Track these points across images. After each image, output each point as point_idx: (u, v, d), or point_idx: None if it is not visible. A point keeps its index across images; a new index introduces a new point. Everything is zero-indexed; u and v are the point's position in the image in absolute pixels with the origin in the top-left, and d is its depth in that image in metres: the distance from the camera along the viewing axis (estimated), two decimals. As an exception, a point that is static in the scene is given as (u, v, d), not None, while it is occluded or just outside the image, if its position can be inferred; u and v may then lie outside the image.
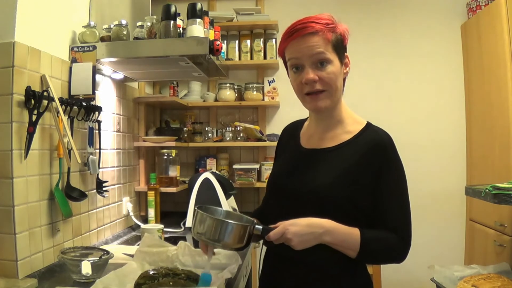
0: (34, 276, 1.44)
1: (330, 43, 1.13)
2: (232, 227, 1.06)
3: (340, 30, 1.16)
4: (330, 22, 1.14)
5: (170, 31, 1.79)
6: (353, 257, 1.10)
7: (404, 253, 1.12)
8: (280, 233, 1.06)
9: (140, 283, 1.20)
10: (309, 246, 1.07)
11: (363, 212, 1.13)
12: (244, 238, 1.07)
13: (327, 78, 1.12)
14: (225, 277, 1.33)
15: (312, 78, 1.11)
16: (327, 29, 1.12)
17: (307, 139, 1.26)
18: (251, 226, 1.08)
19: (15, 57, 1.40)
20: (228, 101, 2.93)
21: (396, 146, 1.16)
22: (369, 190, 1.11)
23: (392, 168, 1.13)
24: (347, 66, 1.20)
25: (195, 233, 1.10)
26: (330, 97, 1.15)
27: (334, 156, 1.16)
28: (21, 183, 1.43)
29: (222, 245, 1.08)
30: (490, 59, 2.53)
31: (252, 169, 2.84)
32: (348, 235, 1.09)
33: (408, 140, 2.93)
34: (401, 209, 1.13)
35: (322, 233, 1.07)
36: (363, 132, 1.17)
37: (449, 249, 2.89)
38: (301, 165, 1.21)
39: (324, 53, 1.11)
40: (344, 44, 1.18)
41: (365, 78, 3.00)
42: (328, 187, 1.11)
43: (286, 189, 1.20)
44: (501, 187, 1.72)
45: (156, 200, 2.45)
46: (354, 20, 2.99)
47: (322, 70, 1.12)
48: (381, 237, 1.11)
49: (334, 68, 1.13)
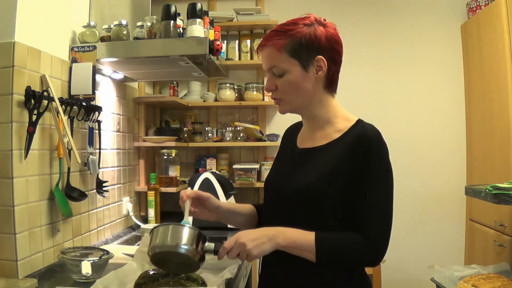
0: (34, 276, 1.44)
1: (285, 51, 1.11)
2: (183, 229, 1.08)
3: (302, 34, 1.10)
4: (291, 28, 1.11)
5: (170, 31, 1.79)
6: (314, 260, 1.07)
7: (373, 253, 1.07)
8: (233, 240, 1.07)
9: (140, 283, 1.20)
10: (265, 250, 1.07)
11: (350, 212, 1.10)
12: (198, 246, 1.07)
13: (283, 87, 1.15)
14: (225, 277, 1.33)
15: (269, 88, 1.18)
16: (282, 38, 1.11)
17: (302, 140, 1.27)
18: (202, 233, 1.09)
19: (15, 57, 1.40)
20: (228, 101, 2.93)
21: (386, 143, 1.12)
22: (354, 185, 1.09)
23: (375, 164, 1.09)
24: (320, 69, 1.13)
25: (150, 249, 1.09)
26: (289, 103, 1.18)
27: (323, 154, 1.16)
28: (21, 183, 1.43)
29: (176, 250, 1.06)
30: (490, 59, 2.53)
31: (252, 169, 2.84)
32: (301, 235, 1.08)
33: (408, 140, 2.93)
34: (376, 208, 1.08)
35: (274, 234, 1.07)
36: (353, 128, 1.15)
37: (449, 249, 2.89)
38: (293, 165, 1.21)
39: (276, 66, 1.14)
40: (314, 47, 1.11)
41: (364, 78, 3.00)
42: (312, 185, 1.11)
43: (277, 189, 1.21)
44: (501, 187, 1.72)
45: (156, 200, 2.45)
46: (354, 19, 2.99)
47: (280, 79, 1.15)
48: (340, 237, 1.08)
49: (292, 77, 1.13)
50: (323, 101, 1.19)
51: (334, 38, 1.14)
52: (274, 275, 1.21)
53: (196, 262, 1.09)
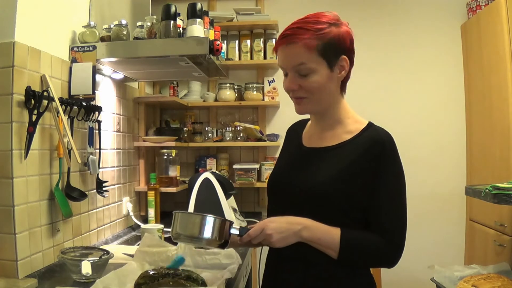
0: (34, 276, 1.44)
1: (315, 50, 1.09)
2: (208, 220, 1.10)
3: (333, 34, 1.10)
4: (321, 27, 1.09)
5: (170, 31, 1.79)
6: (335, 257, 1.09)
7: (393, 256, 1.10)
8: (259, 229, 1.07)
9: (140, 283, 1.20)
10: (289, 243, 1.08)
11: (362, 212, 1.12)
12: (222, 234, 1.10)
13: (309, 87, 1.12)
14: (225, 277, 1.33)
15: (291, 87, 1.14)
16: (313, 37, 1.08)
17: (308, 138, 1.26)
18: (228, 222, 1.12)
19: (15, 57, 1.40)
20: (228, 101, 2.93)
21: (397, 147, 1.14)
22: (367, 189, 1.10)
23: (389, 168, 1.11)
24: (343, 69, 1.14)
25: (173, 234, 1.14)
26: (312, 103, 1.15)
27: (333, 155, 1.15)
28: (21, 183, 1.43)
29: (199, 240, 1.11)
30: (490, 59, 2.53)
31: (252, 169, 2.84)
32: (326, 233, 1.08)
33: (408, 140, 2.93)
34: (394, 211, 1.10)
35: (300, 229, 1.08)
36: (364, 131, 1.16)
37: (449, 249, 2.89)
38: (300, 164, 1.21)
39: (305, 63, 1.10)
40: (341, 47, 1.12)
41: (364, 78, 2.99)
42: (324, 185, 1.11)
43: (284, 188, 1.20)
44: (501, 187, 1.72)
45: (156, 200, 2.45)
46: (354, 19, 2.95)
47: (305, 79, 1.12)
48: (364, 238, 1.09)
49: (319, 77, 1.11)
50: (338, 102, 1.20)
51: (352, 37, 1.16)
52: (275, 275, 1.21)
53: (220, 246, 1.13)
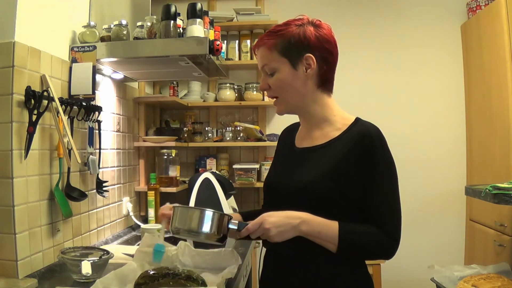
0: (34, 276, 1.44)
1: (275, 50, 1.15)
2: (206, 214, 1.11)
3: (292, 33, 1.14)
4: (281, 28, 1.15)
5: (170, 31, 1.79)
6: (334, 250, 1.09)
7: (390, 249, 1.11)
8: (258, 223, 1.08)
9: (140, 283, 1.20)
10: (287, 237, 1.08)
11: (358, 207, 1.12)
12: (220, 228, 1.11)
13: (274, 85, 1.19)
14: (225, 277, 1.33)
15: (262, 87, 1.22)
16: (272, 37, 1.15)
17: (300, 140, 1.28)
18: (227, 216, 1.12)
19: (15, 57, 1.40)
20: (228, 101, 2.93)
21: (387, 141, 1.14)
22: (359, 183, 1.11)
23: (379, 161, 1.11)
24: (309, 67, 1.15)
25: (173, 228, 1.15)
26: (284, 102, 1.21)
27: (323, 153, 1.16)
28: (21, 183, 1.43)
29: (197, 234, 1.12)
30: (490, 59, 2.53)
31: (252, 169, 2.84)
32: (325, 226, 1.09)
33: (408, 140, 2.93)
34: (389, 203, 1.12)
35: (299, 223, 1.08)
36: (352, 127, 1.17)
37: (449, 249, 2.90)
38: (293, 165, 1.22)
39: (267, 65, 1.18)
40: (303, 45, 1.13)
41: (364, 78, 3.00)
42: (315, 183, 1.11)
43: (278, 189, 1.22)
44: (501, 187, 1.72)
45: (156, 200, 2.45)
46: (354, 19, 2.99)
47: (270, 78, 1.19)
48: (362, 231, 1.10)
49: (282, 75, 1.16)
50: (318, 100, 1.21)
51: (325, 37, 1.16)
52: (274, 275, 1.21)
53: (218, 240, 1.13)
